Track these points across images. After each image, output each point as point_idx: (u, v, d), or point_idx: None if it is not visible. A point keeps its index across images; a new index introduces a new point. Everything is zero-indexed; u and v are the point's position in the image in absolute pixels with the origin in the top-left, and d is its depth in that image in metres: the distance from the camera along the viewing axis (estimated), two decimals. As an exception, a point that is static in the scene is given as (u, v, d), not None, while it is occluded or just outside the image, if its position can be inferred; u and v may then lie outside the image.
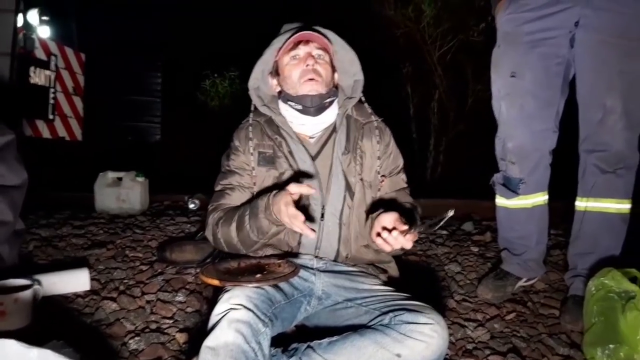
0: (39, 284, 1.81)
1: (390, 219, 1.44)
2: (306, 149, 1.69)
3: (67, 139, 6.04)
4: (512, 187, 2.10)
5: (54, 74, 5.70)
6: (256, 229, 1.52)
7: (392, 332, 1.34)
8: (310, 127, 1.71)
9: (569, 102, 2.07)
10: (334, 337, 1.42)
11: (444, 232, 3.14)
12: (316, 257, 1.67)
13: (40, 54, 5.50)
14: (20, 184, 1.97)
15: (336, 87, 1.78)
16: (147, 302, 1.99)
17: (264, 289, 1.41)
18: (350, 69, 1.79)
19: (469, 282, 2.32)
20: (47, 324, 1.76)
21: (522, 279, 2.18)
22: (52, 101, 5.69)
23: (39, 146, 5.54)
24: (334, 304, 1.59)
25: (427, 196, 4.12)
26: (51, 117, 5.70)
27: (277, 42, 1.71)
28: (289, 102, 1.69)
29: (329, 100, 1.69)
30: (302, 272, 1.55)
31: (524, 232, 2.16)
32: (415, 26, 6.18)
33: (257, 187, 1.68)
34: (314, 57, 1.67)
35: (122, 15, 7.74)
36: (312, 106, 1.65)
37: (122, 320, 1.84)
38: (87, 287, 2.07)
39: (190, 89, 7.58)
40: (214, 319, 1.29)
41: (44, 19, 5.45)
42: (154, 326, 1.82)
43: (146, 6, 8.00)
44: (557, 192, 2.29)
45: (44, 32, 5.55)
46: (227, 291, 1.36)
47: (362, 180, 1.69)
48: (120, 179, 3.66)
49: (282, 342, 1.48)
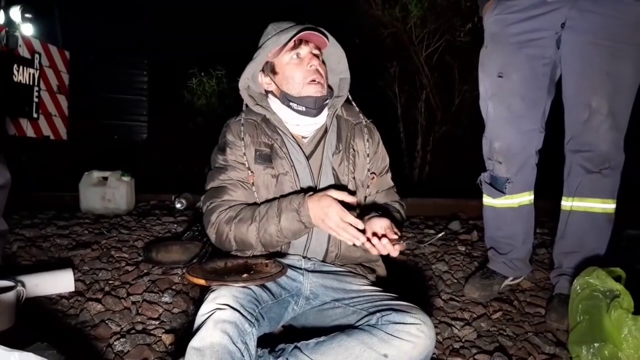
0: (22, 285, 1.79)
1: (381, 225, 1.45)
2: (301, 149, 1.69)
3: (52, 138, 5.96)
4: (498, 187, 2.12)
5: (38, 72, 5.62)
6: (289, 231, 1.52)
7: (379, 333, 1.35)
8: (304, 127, 1.70)
9: (555, 103, 2.08)
10: (322, 338, 1.41)
11: (431, 231, 3.15)
12: (304, 257, 1.66)
13: (23, 52, 5.42)
14: (3, 183, 1.94)
15: (329, 86, 1.77)
16: (133, 303, 1.97)
17: (251, 289, 1.40)
18: (337, 67, 1.78)
19: (456, 281, 2.33)
20: (30, 325, 1.74)
21: (508, 277, 2.20)
22: (36, 100, 5.61)
23: (23, 145, 5.48)
24: (322, 304, 1.59)
25: (415, 195, 4.15)
26: (35, 115, 5.62)
27: (273, 43, 1.64)
28: (291, 103, 1.66)
29: (328, 101, 1.69)
30: (290, 272, 1.55)
31: (510, 231, 2.17)
32: (402, 26, 6.20)
33: (255, 185, 1.66)
34: (317, 57, 1.67)
35: (107, 12, 7.68)
36: (315, 108, 1.64)
37: (107, 321, 1.82)
38: (72, 288, 2.05)
39: (177, 88, 7.53)
40: (199, 319, 1.28)
41: (27, 16, 5.37)
42: (139, 327, 1.81)
43: (132, 3, 7.94)
44: (543, 191, 2.31)
45: (27, 29, 5.47)
46: (213, 291, 1.36)
47: (354, 179, 1.70)
48: (105, 179, 3.63)
49: (269, 342, 1.47)
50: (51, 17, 6.25)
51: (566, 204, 2.05)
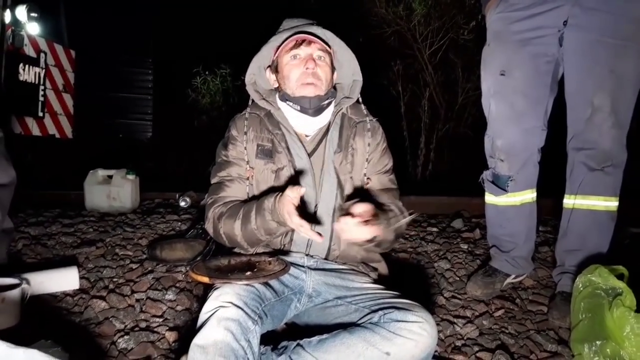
0: (27, 282, 1.80)
1: (360, 208, 1.40)
2: (303, 146, 1.69)
3: (57, 136, 5.99)
4: (500, 185, 2.12)
5: (44, 71, 5.64)
6: (264, 230, 1.53)
7: (382, 330, 1.35)
8: (305, 126, 1.70)
9: (558, 101, 2.08)
10: (324, 335, 1.41)
11: (434, 229, 3.16)
12: (307, 255, 1.67)
13: (29, 51, 5.44)
14: (8, 182, 1.96)
15: (334, 87, 1.77)
16: (137, 300, 1.98)
17: (254, 287, 1.41)
18: (349, 69, 1.78)
19: (458, 279, 2.33)
20: (35, 323, 1.75)
21: (510, 275, 2.20)
22: (41, 98, 5.63)
23: (29, 144, 5.50)
24: (324, 301, 1.59)
25: (418, 193, 4.15)
26: (41, 114, 5.65)
27: (275, 40, 1.69)
28: (287, 102, 1.68)
29: (327, 102, 1.68)
30: (292, 270, 1.56)
31: (513, 229, 2.17)
32: (405, 24, 6.18)
33: (255, 179, 1.67)
34: (314, 59, 1.66)
35: (112, 11, 7.69)
36: (310, 108, 1.64)
37: (111, 319, 1.83)
38: (76, 286, 2.06)
39: (181, 86, 7.53)
40: (203, 316, 1.29)
41: (33, 15, 5.38)
42: (143, 325, 1.82)
43: (137, 2, 7.95)
44: (545, 189, 2.31)
45: (33, 28, 5.47)
46: (216, 289, 1.36)
47: (352, 178, 1.70)
48: (110, 177, 3.65)
49: (272, 340, 1.48)
50: (57, 16, 6.27)
51: (569, 201, 2.04)
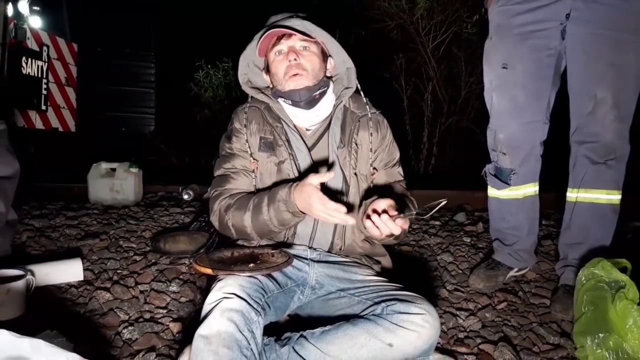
0: (32, 274, 1.82)
1: (383, 204, 1.43)
2: (303, 139, 1.69)
3: (60, 129, 6.00)
4: (503, 178, 2.12)
5: (46, 64, 5.64)
6: (277, 221, 1.53)
7: (384, 322, 1.36)
8: (303, 119, 1.70)
9: (560, 94, 2.08)
10: (327, 327, 1.43)
11: (437, 222, 3.16)
12: (310, 247, 1.67)
13: (32, 45, 5.44)
14: (12, 174, 1.97)
15: (329, 77, 1.75)
16: (141, 292, 2.00)
17: (257, 278, 1.41)
18: (339, 57, 1.76)
19: (461, 272, 2.34)
20: (40, 314, 1.76)
21: (513, 268, 2.20)
22: (44, 92, 5.63)
23: (32, 137, 5.51)
24: (327, 293, 1.60)
25: (421, 187, 4.15)
26: (44, 108, 5.65)
27: (255, 38, 1.69)
28: (279, 98, 1.69)
29: (318, 92, 1.66)
30: (295, 262, 1.57)
31: (515, 222, 2.17)
32: (409, 18, 6.16)
33: (259, 172, 1.67)
34: (296, 51, 1.65)
35: (114, 4, 7.67)
36: (301, 100, 1.64)
37: (115, 310, 1.85)
38: (81, 278, 2.07)
39: (183, 80, 7.52)
40: (206, 307, 1.30)
41: (35, 8, 5.37)
42: (147, 316, 1.83)
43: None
44: (548, 183, 2.31)
45: (36, 22, 5.45)
46: (220, 280, 1.37)
47: (356, 174, 1.69)
48: (114, 170, 3.65)
49: (276, 331, 1.49)
50: (59, 10, 6.25)
51: (571, 195, 2.05)
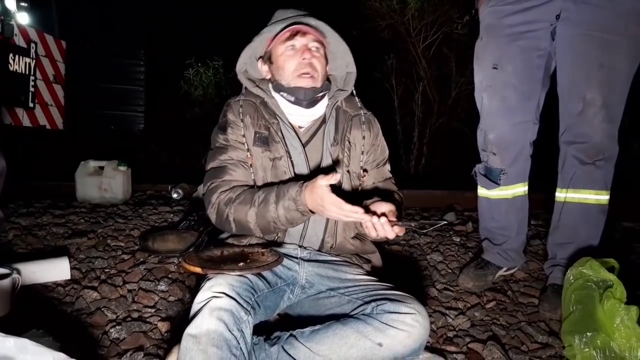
0: (18, 272, 1.80)
1: (384, 207, 1.44)
2: (298, 137, 1.69)
3: (48, 127, 5.94)
4: (493, 178, 2.13)
5: (34, 61, 5.59)
6: (286, 219, 1.51)
7: (374, 322, 1.36)
8: (299, 117, 1.70)
9: (550, 94, 2.09)
10: (317, 326, 1.42)
11: (427, 222, 3.16)
12: (300, 246, 1.67)
13: (19, 41, 5.39)
14: (-2, 172, 1.94)
15: (328, 79, 1.76)
16: (129, 291, 1.98)
17: (247, 277, 1.40)
18: (342, 61, 1.77)
19: (450, 271, 2.34)
20: (26, 313, 1.74)
21: (502, 268, 2.21)
22: (32, 89, 5.58)
23: (19, 135, 5.45)
24: (317, 293, 1.59)
25: (411, 187, 4.16)
26: (31, 105, 5.60)
27: (269, 31, 1.67)
28: (281, 93, 1.67)
29: (321, 94, 1.68)
30: (286, 261, 1.56)
31: (505, 222, 2.19)
32: (400, 18, 6.18)
33: (254, 166, 1.65)
34: (310, 50, 1.65)
35: (103, 1, 7.62)
36: (305, 99, 1.64)
37: (103, 309, 1.83)
38: (68, 276, 2.05)
39: (173, 78, 7.48)
40: (196, 306, 1.29)
41: (23, 5, 5.34)
42: (135, 315, 1.82)
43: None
44: (537, 183, 2.32)
45: (23, 18, 5.44)
46: (209, 279, 1.36)
47: (349, 172, 1.70)
48: (102, 168, 3.62)
49: (265, 330, 1.48)
50: (48, 6, 6.20)
51: (560, 195, 2.06)
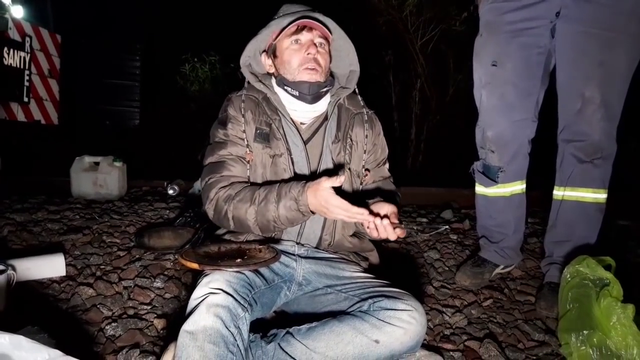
0: (13, 269, 1.78)
1: (387, 209, 1.44)
2: (299, 134, 1.68)
3: (43, 122, 5.91)
4: (491, 176, 2.12)
5: (29, 55, 5.55)
6: (287, 219, 1.50)
7: (371, 319, 1.35)
8: (302, 113, 1.69)
9: (549, 92, 2.08)
10: (313, 323, 1.42)
11: (424, 219, 3.16)
12: (298, 243, 1.66)
13: (14, 35, 5.35)
14: (-8, 167, 1.93)
15: (332, 75, 1.76)
16: (125, 287, 1.97)
17: (244, 274, 1.40)
18: (346, 59, 1.77)
19: (447, 269, 2.34)
20: (21, 309, 1.73)
21: (499, 266, 2.21)
22: (27, 84, 5.55)
23: (14, 129, 5.42)
24: (314, 290, 1.59)
25: (408, 184, 4.16)
26: (26, 100, 5.56)
27: (275, 24, 1.67)
28: (285, 87, 1.66)
29: (325, 89, 1.67)
30: (283, 258, 1.55)
31: (502, 220, 2.18)
32: (398, 14, 6.17)
33: (253, 163, 1.64)
34: (316, 45, 1.65)
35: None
36: (309, 94, 1.63)
37: (98, 306, 1.81)
38: (63, 273, 2.04)
39: (169, 73, 7.46)
40: (192, 303, 1.28)
41: (17, -2, 5.31)
42: (131, 312, 1.80)
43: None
44: (535, 181, 2.32)
45: (18, 12, 5.40)
46: (206, 275, 1.35)
47: (350, 170, 1.69)
48: (97, 164, 3.59)
49: (262, 327, 1.48)
50: (42, 0, 6.15)
51: (558, 193, 2.06)
